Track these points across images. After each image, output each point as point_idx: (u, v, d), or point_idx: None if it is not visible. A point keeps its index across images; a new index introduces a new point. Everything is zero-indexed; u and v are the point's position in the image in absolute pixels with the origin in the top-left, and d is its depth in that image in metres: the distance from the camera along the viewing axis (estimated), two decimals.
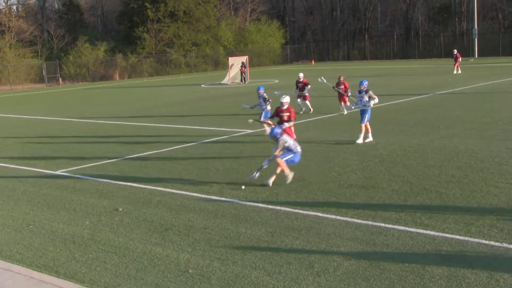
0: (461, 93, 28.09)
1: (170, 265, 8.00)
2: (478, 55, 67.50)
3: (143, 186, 12.69)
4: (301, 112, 23.45)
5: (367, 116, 16.48)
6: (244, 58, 49.65)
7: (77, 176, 14.17)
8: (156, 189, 12.36)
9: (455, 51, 43.90)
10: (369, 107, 16.46)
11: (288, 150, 12.16)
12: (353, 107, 18.15)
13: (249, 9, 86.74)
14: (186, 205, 11.02)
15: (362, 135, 16.41)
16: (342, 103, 22.64)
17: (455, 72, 42.10)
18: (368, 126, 16.62)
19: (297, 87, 24.20)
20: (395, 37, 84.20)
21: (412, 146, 15.40)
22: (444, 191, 10.86)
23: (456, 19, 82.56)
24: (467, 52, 70.03)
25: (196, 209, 10.66)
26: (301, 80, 24.10)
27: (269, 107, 18.03)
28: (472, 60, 45.81)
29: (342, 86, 22.35)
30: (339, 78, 22.83)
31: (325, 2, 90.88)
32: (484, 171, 12.24)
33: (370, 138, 16.59)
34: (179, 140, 18.77)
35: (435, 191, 10.93)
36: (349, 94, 22.25)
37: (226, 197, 11.32)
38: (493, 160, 13.23)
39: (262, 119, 17.30)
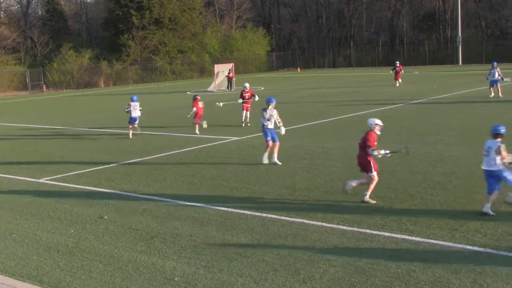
0: (445, 101, 28.30)
1: (156, 273, 7.99)
2: (462, 62, 68.15)
3: (128, 194, 12.68)
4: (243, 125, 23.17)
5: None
6: (230, 66, 49.68)
7: (61, 184, 14.11)
8: (141, 196, 12.34)
9: (397, 63, 41.14)
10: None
11: None
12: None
13: (234, 17, 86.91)
14: (172, 212, 11.01)
15: (265, 154, 15.19)
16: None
17: (397, 84, 39.57)
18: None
19: (243, 97, 23.46)
20: (380, 44, 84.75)
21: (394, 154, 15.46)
22: (429, 197, 10.95)
23: (441, 27, 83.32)
24: (451, 59, 70.75)
25: (182, 217, 10.67)
26: (248, 90, 23.61)
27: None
28: (416, 72, 44.62)
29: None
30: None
31: (311, 9, 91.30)
32: (468, 177, 12.36)
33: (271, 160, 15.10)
34: (165, 147, 18.75)
35: (420, 197, 11.03)
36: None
37: (212, 205, 11.33)
38: (476, 166, 13.33)
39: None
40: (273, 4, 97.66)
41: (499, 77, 28.44)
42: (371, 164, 10.93)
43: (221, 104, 25.16)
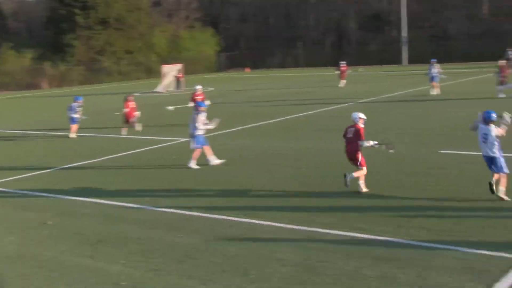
0: (391, 100, 28.81)
1: (102, 277, 7.85)
2: (409, 62, 69.62)
3: (74, 198, 12.41)
4: None
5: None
6: (179, 66, 49.34)
7: (0, 189, 13.69)
8: (88, 200, 12.11)
9: (342, 63, 40.84)
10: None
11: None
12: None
13: (182, 16, 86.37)
14: (119, 215, 10.85)
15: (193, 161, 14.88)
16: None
17: (341, 85, 39.04)
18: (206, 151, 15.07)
19: (194, 100, 22.36)
20: (328, 44, 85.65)
21: (341, 152, 15.64)
22: (376, 194, 11.12)
23: (387, 28, 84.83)
24: (397, 59, 72.20)
25: (129, 220, 10.52)
26: (199, 93, 23.48)
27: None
28: (361, 69, 44.79)
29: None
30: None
31: (259, 10, 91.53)
32: (414, 174, 12.61)
33: (214, 162, 14.99)
34: (111, 150, 18.47)
35: (368, 195, 11.18)
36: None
37: (160, 207, 11.21)
38: (421, 163, 13.65)
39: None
40: (221, 3, 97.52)
41: (437, 74, 29.80)
42: (360, 157, 11.53)
43: (172, 108, 25.02)
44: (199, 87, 24.01)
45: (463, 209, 9.93)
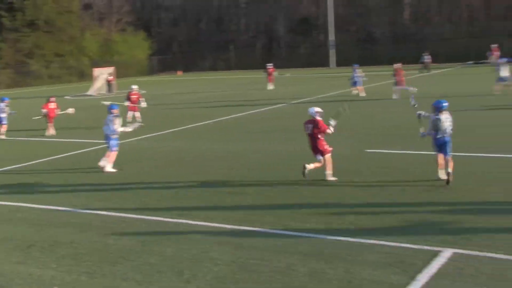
0: (319, 101, 29.26)
1: (33, 283, 7.63)
2: (337, 65, 70.97)
3: (3, 203, 12.00)
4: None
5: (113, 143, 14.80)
6: (110, 69, 48.57)
7: None
8: (17, 205, 11.73)
9: (269, 65, 40.74)
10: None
11: None
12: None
13: (114, 20, 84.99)
14: (51, 220, 10.58)
15: (106, 161, 14.63)
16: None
17: (269, 87, 39.33)
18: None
19: (129, 99, 23.43)
20: (259, 47, 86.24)
21: (276, 152, 15.85)
22: (307, 193, 11.30)
23: (315, 31, 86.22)
24: (325, 62, 73.48)
25: (61, 224, 10.28)
26: (135, 92, 23.73)
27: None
28: (288, 74, 45.37)
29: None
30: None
31: (191, 14, 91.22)
32: (342, 173, 12.83)
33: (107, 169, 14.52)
34: (42, 153, 17.97)
35: (298, 193, 11.35)
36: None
37: (93, 210, 11.01)
38: (348, 162, 13.95)
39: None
40: (153, 8, 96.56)
41: (360, 79, 31.17)
42: (324, 148, 12.22)
43: (108, 103, 24.75)
44: (135, 86, 24.11)
45: (387, 205, 10.24)
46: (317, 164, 12.22)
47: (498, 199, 10.22)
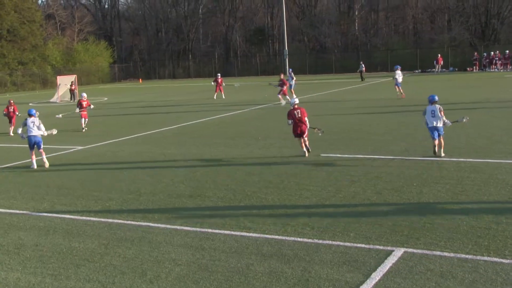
0: (275, 108, 29.42)
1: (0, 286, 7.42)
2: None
3: None
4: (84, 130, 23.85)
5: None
6: (73, 77, 47.79)
7: None
8: None
9: (219, 75, 39.52)
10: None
11: None
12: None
13: (76, 30, 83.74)
14: (15, 223, 10.30)
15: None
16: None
17: (216, 97, 37.49)
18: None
19: (80, 105, 24.38)
20: (216, 56, 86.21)
21: (234, 157, 15.83)
22: (263, 196, 11.30)
23: (270, 41, 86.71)
24: (280, 70, 73.86)
25: (26, 227, 10.01)
26: (85, 99, 24.69)
27: None
28: (237, 84, 45.10)
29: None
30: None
31: (151, 23, 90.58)
32: (297, 176, 12.94)
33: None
34: (8, 158, 17.52)
35: (256, 196, 11.34)
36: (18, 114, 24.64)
37: (58, 213, 10.77)
38: (304, 166, 14.04)
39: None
40: (114, 18, 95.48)
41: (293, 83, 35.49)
42: (305, 130, 15.36)
43: (60, 115, 26.10)
44: (84, 94, 25.52)
45: (342, 206, 10.32)
46: (306, 141, 15.46)
47: (444, 199, 10.42)
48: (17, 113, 24.67)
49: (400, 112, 24.28)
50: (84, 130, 23.66)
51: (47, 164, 15.82)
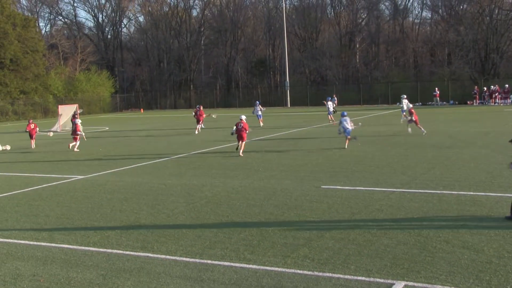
0: (275, 139, 29.51)
1: None
2: (290, 105, 71.87)
3: None
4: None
5: None
6: (74, 107, 48.04)
7: None
8: None
9: (199, 107, 38.56)
10: None
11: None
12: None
13: (78, 59, 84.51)
14: (13, 253, 10.25)
15: None
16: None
17: (197, 132, 35.97)
18: None
19: (74, 132, 28.70)
20: (218, 87, 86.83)
21: (234, 188, 15.82)
22: (264, 228, 11.25)
23: (271, 73, 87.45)
24: (281, 102, 74.38)
25: (24, 257, 9.96)
26: (79, 124, 28.94)
27: None
28: (214, 116, 44.24)
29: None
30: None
31: (153, 54, 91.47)
32: (298, 208, 12.91)
33: None
34: (6, 187, 17.50)
35: (256, 227, 11.30)
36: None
37: (57, 243, 10.72)
38: (305, 198, 14.02)
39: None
40: (116, 48, 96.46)
41: (260, 112, 39.08)
42: (244, 137, 22.69)
43: (51, 133, 30.05)
44: (79, 120, 29.56)
45: (342, 239, 10.27)
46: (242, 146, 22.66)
47: (445, 232, 10.38)
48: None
49: (400, 144, 24.35)
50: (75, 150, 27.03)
51: None
